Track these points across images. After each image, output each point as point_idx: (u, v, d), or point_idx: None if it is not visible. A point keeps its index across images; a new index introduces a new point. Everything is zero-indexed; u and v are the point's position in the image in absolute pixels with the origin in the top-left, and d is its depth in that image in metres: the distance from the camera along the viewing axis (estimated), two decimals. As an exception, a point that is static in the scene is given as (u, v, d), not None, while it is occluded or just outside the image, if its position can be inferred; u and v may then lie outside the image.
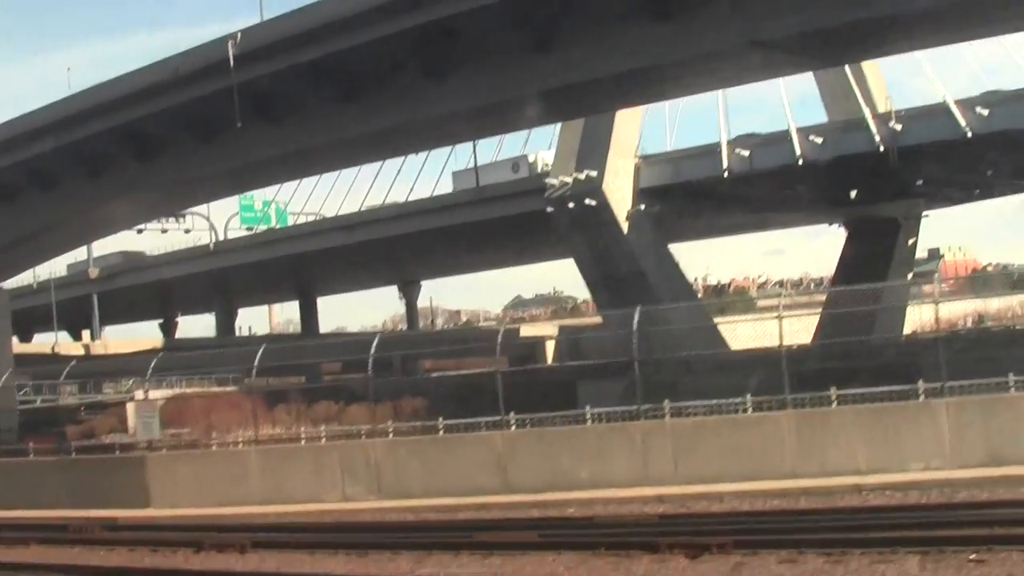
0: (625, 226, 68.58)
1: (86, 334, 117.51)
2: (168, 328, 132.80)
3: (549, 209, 69.99)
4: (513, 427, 29.41)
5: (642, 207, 69.41)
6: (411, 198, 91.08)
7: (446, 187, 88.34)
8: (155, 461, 32.58)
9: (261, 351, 35.29)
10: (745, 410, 27.59)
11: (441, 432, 31.86)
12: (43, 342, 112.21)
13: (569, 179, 68.38)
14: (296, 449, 34.73)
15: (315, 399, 75.30)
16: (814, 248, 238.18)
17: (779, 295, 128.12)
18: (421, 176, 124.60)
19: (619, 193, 68.67)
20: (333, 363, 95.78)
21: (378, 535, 22.44)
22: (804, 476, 23.85)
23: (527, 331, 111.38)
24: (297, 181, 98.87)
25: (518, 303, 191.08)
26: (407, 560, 19.07)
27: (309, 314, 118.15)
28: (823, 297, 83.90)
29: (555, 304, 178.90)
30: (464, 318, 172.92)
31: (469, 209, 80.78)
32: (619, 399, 55.97)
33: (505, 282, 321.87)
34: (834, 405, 26.22)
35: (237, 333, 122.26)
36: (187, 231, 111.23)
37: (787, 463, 24.60)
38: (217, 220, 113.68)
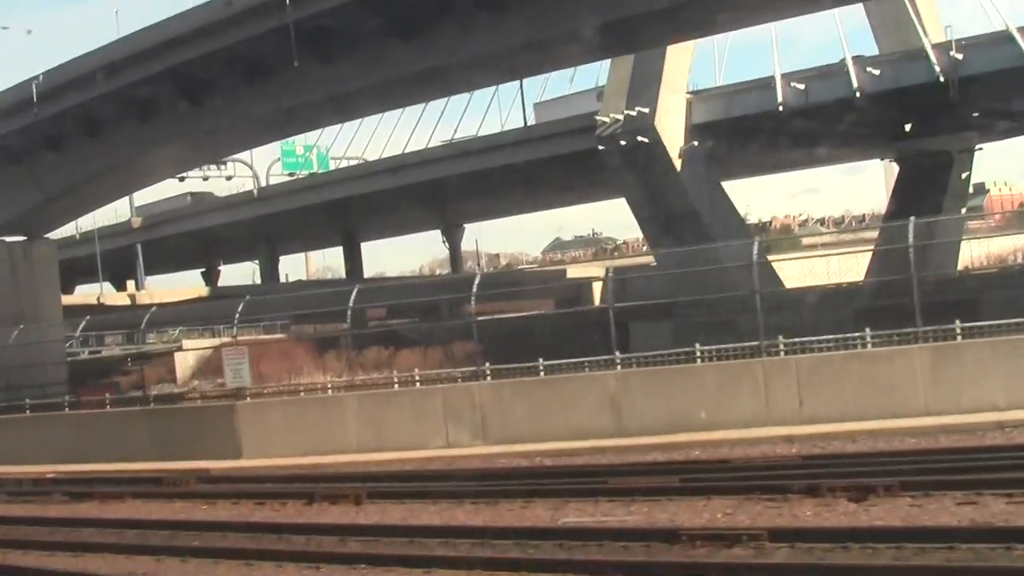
0: (678, 163, 67.56)
1: (129, 284, 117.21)
2: (210, 277, 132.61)
3: (600, 147, 68.97)
4: (618, 366, 28.37)
5: (694, 144, 68.33)
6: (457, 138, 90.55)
7: (491, 126, 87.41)
8: (246, 409, 31.08)
9: (354, 293, 33.99)
10: (864, 345, 26.55)
11: (542, 374, 30.65)
12: (87, 292, 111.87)
13: (620, 116, 67.31)
14: (396, 394, 33.35)
15: (364, 345, 75.03)
16: (849, 186, 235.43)
17: (823, 233, 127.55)
18: (468, 115, 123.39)
19: (671, 130, 67.61)
20: (377, 309, 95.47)
21: (501, 482, 21.17)
22: (939, 413, 22.80)
23: (573, 273, 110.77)
24: (338, 126, 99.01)
25: (557, 245, 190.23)
26: (543, 508, 17.98)
27: (353, 259, 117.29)
28: (869, 234, 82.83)
29: (594, 246, 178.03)
30: (503, 261, 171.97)
31: (518, 149, 79.68)
32: (670, 340, 55.50)
33: (543, 224, 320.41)
34: (958, 339, 25.15)
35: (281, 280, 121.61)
36: (229, 178, 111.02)
37: (920, 400, 23.57)
38: (258, 167, 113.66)
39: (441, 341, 78.76)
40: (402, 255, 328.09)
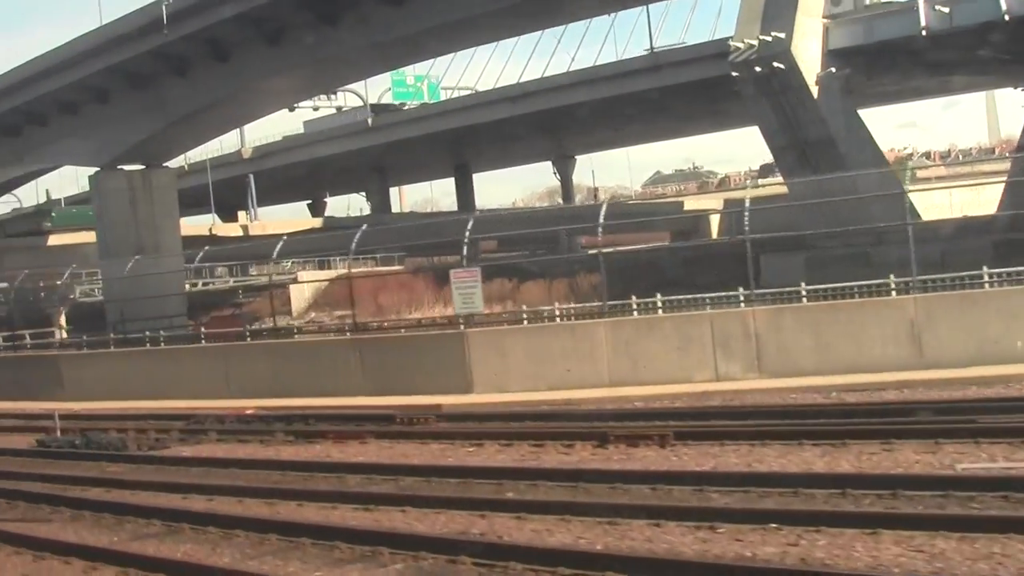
0: (814, 91, 64.61)
1: (239, 216, 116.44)
2: (316, 209, 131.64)
3: (734, 73, 66.22)
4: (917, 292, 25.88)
5: (831, 70, 65.31)
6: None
7: (606, 56, 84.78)
8: (477, 338, 27.81)
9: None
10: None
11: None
12: (196, 224, 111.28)
13: (755, 42, 64.40)
14: (657, 320, 29.57)
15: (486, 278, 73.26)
16: (947, 120, 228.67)
17: (935, 165, 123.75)
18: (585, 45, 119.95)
19: (807, 55, 64.59)
20: (488, 241, 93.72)
21: (822, 421, 18.12)
22: None
23: (691, 205, 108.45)
24: (450, 56, 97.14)
25: (657, 179, 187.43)
26: (911, 450, 15.38)
27: (465, 190, 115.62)
28: (986, 167, 79.46)
29: (695, 179, 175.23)
30: (602, 195, 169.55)
31: (645, 76, 77.15)
32: (802, 272, 53.24)
33: (636, 160, 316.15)
34: None
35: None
36: (339, 108, 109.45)
37: None
38: (369, 97, 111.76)
39: (562, 273, 77.35)
40: (504, 187, 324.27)
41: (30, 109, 68.68)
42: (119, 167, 68.58)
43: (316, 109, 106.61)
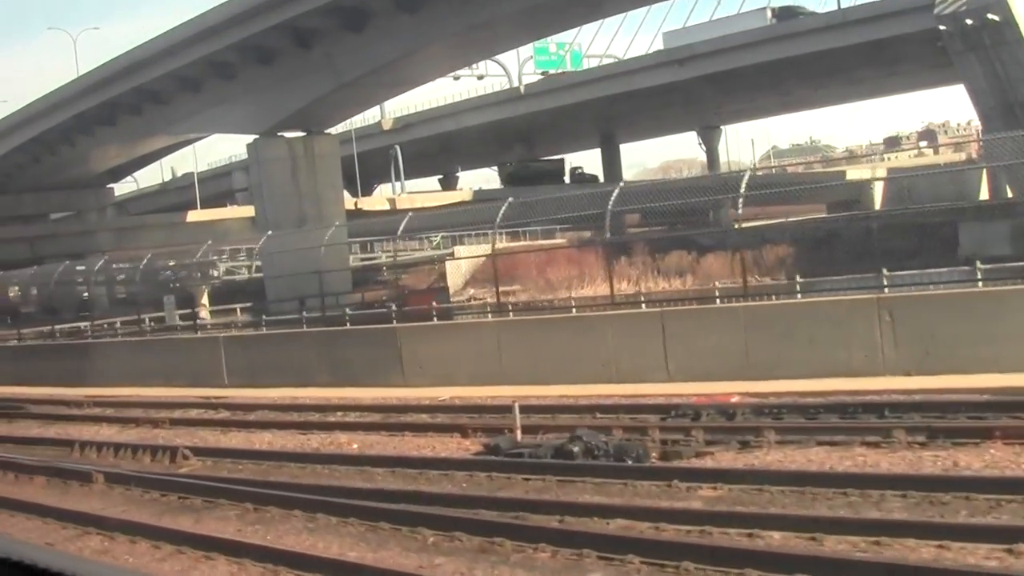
0: (1031, 45, 59.43)
1: (382, 189, 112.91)
2: (447, 184, 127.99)
3: (941, 27, 61.12)
4: None
5: (1054, 22, 60.08)
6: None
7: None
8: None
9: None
10: None
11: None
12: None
13: (966, -8, 59.52)
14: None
15: (658, 251, 69.51)
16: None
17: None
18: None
19: None
20: (631, 215, 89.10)
21: None
22: None
23: (853, 174, 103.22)
24: (598, 24, 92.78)
25: (777, 153, 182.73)
26: None
27: (612, 161, 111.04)
28: None
29: (812, 153, 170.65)
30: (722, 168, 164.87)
31: (825, 34, 71.75)
32: (1007, 242, 48.30)
33: (747, 135, 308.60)
34: None
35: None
36: (480, 77, 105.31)
37: None
38: (510, 66, 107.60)
39: (732, 246, 72.89)
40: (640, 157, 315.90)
41: (183, 74, 65.19)
42: (279, 134, 64.90)
43: (457, 79, 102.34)
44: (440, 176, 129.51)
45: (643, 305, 33.11)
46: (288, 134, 64.96)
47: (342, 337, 28.71)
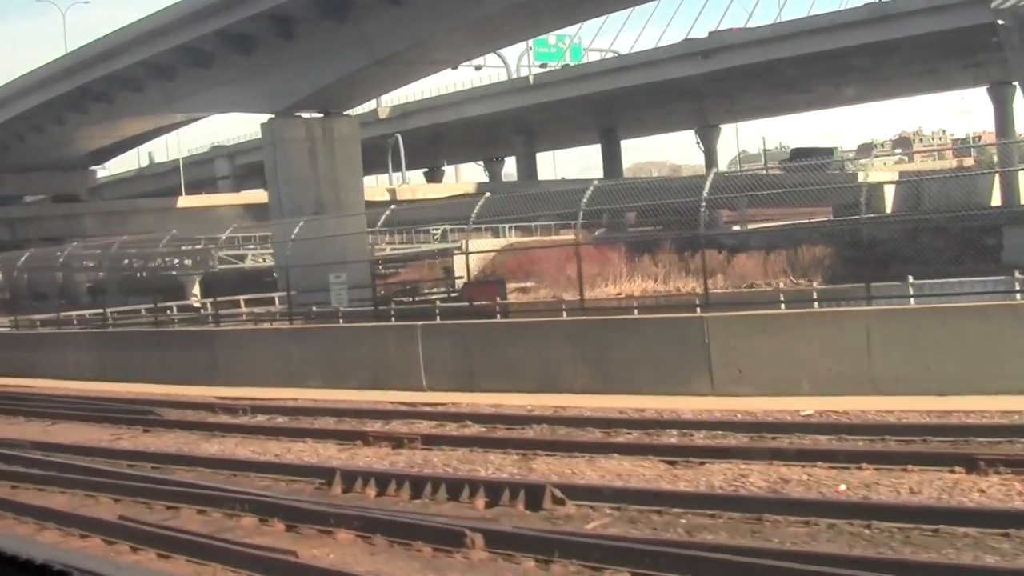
0: (1099, 40, 56.83)
1: (378, 179, 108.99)
2: (433, 178, 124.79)
3: (1000, 22, 58.36)
4: None
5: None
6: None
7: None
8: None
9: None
10: None
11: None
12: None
13: (1026, -15, 56.84)
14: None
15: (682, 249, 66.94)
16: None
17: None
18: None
19: (1093, -3, 56.96)
20: (629, 212, 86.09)
21: None
22: None
23: (877, 176, 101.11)
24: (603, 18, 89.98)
25: (745, 157, 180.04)
26: None
27: (612, 157, 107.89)
28: None
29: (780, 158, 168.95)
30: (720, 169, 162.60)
31: (861, 29, 68.74)
32: None
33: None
34: None
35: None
36: (478, 68, 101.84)
37: None
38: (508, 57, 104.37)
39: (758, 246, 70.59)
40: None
41: (195, 47, 61.19)
42: (297, 114, 61.02)
43: (455, 68, 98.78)
44: (426, 169, 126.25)
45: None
46: (306, 114, 61.14)
47: (618, 329, 22.25)
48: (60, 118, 76.21)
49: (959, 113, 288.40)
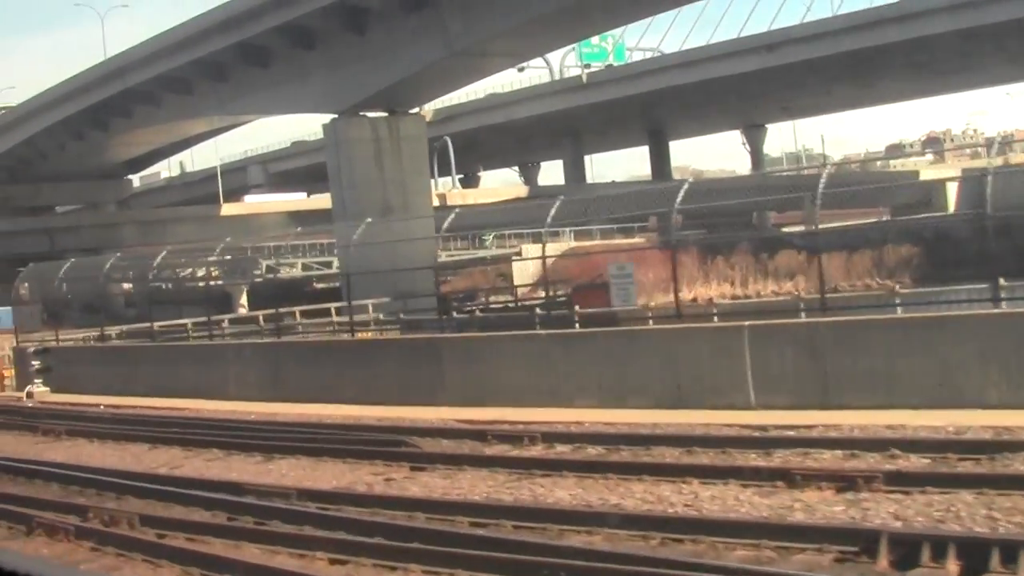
0: None
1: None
2: (469, 183, 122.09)
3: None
4: None
5: None
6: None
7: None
8: None
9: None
10: None
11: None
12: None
13: None
14: None
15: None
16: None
17: None
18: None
19: None
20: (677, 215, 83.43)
21: None
22: None
23: (928, 174, 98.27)
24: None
25: (769, 161, 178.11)
26: None
27: (661, 158, 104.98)
28: None
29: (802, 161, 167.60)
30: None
31: (936, 17, 65.62)
32: None
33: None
34: None
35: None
36: (521, 69, 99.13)
37: None
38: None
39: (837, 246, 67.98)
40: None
41: (253, 43, 58.53)
42: (361, 114, 58.24)
43: (520, 69, 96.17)
44: (461, 176, 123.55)
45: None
46: (371, 113, 58.39)
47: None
48: (103, 123, 73.56)
49: (973, 114, 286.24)
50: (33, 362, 30.95)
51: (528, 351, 22.40)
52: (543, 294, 42.20)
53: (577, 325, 28.34)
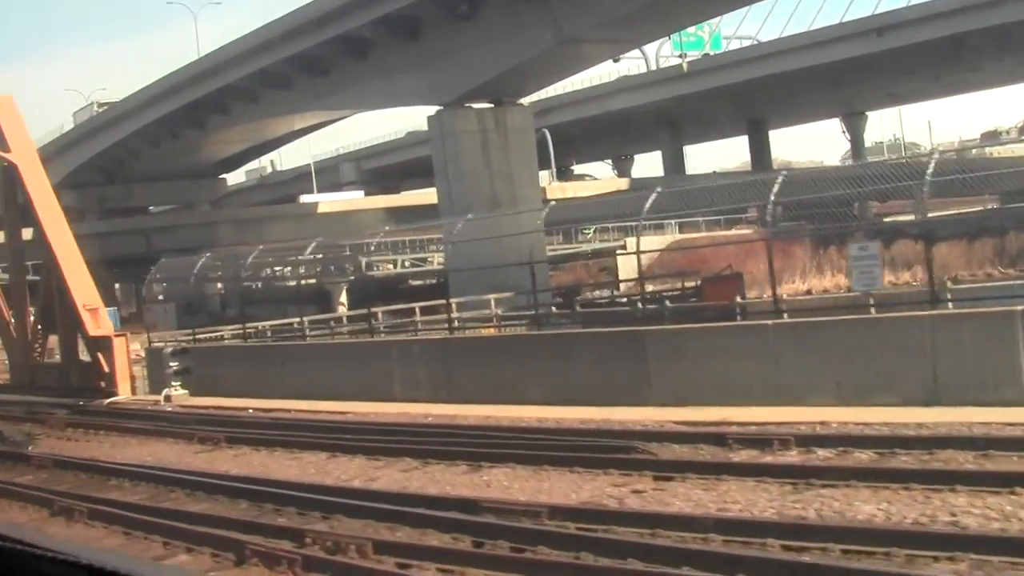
0: None
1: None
2: (563, 177, 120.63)
3: None
4: None
5: None
6: None
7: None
8: None
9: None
10: None
11: None
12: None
13: None
14: None
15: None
16: None
17: None
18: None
19: None
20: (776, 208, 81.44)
21: None
22: None
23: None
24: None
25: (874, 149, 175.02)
26: None
27: (761, 149, 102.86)
28: None
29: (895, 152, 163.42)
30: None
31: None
32: None
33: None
34: None
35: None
36: (616, 60, 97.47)
37: None
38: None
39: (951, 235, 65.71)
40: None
41: (351, 36, 57.36)
42: (467, 105, 56.80)
43: (616, 59, 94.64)
44: (546, 171, 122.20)
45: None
46: (476, 104, 56.93)
47: None
48: (200, 121, 72.82)
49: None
50: (171, 363, 29.29)
51: (745, 344, 20.04)
52: (647, 288, 40.57)
53: (739, 317, 26.31)
